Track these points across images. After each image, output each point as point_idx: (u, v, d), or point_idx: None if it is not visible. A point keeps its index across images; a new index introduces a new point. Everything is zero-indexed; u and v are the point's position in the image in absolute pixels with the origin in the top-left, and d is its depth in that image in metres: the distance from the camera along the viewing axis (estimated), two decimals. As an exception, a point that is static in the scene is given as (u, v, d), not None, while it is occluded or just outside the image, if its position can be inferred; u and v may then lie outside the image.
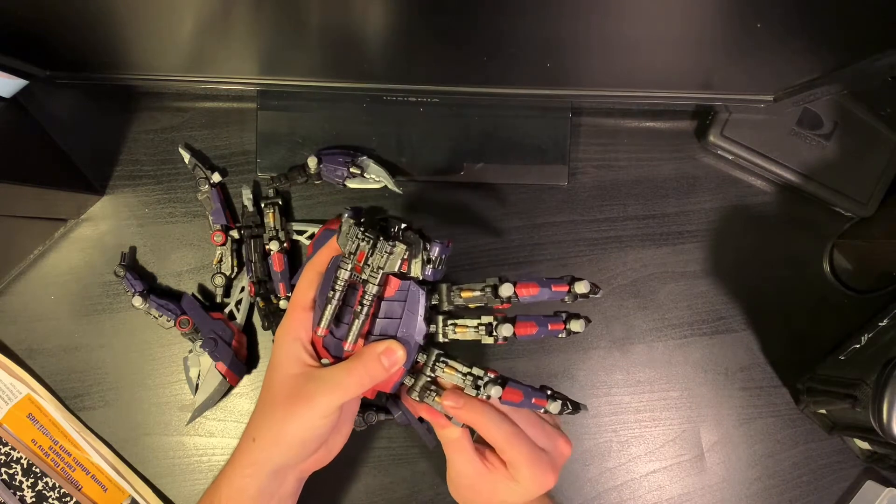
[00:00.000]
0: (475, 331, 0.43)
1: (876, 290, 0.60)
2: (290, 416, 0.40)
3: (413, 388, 0.43)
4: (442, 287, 0.43)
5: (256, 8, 0.41)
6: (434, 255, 0.42)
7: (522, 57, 0.47)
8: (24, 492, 0.56)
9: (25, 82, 0.49)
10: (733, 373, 0.60)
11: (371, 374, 0.41)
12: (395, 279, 0.42)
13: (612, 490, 0.59)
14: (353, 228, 0.41)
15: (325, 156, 0.54)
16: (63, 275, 0.57)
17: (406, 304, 0.41)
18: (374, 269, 0.41)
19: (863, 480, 0.60)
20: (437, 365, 0.43)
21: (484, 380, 0.42)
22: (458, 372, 0.42)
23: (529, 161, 0.57)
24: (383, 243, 0.41)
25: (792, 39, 0.42)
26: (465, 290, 0.42)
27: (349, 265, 0.41)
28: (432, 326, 0.43)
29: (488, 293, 0.42)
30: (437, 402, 0.42)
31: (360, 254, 0.41)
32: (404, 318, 0.42)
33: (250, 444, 0.42)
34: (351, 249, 0.41)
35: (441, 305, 0.43)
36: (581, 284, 0.41)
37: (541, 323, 0.42)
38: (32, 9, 0.40)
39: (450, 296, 0.43)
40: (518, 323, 0.42)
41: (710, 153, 0.60)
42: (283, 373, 0.42)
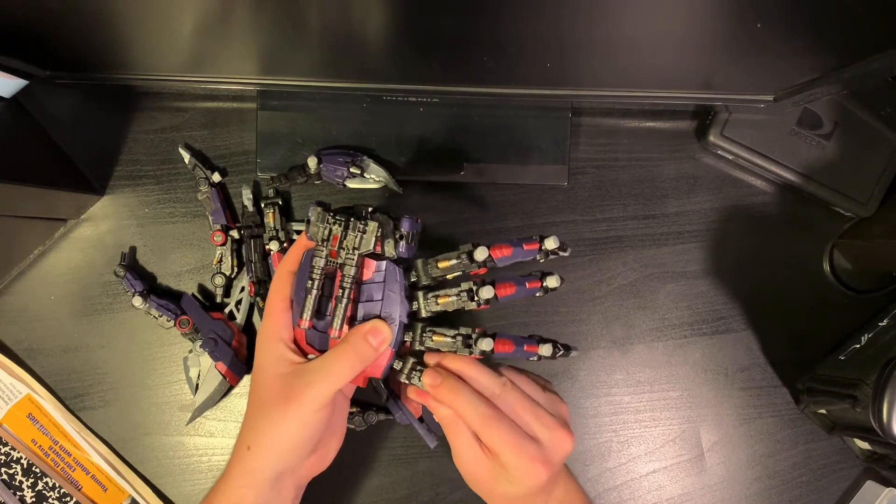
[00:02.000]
0: (457, 299, 0.42)
1: (876, 290, 0.60)
2: (283, 416, 0.39)
3: (402, 371, 0.43)
4: (417, 263, 0.43)
5: (256, 8, 0.41)
6: (405, 231, 0.42)
7: (522, 57, 0.47)
8: (24, 492, 0.56)
9: (25, 82, 0.49)
10: (733, 373, 0.60)
11: (360, 356, 0.40)
12: (371, 261, 0.42)
13: (612, 490, 0.59)
14: (323, 215, 0.41)
15: (325, 156, 0.54)
16: (63, 275, 0.57)
17: (385, 284, 0.42)
18: (350, 250, 0.41)
19: (863, 480, 0.60)
20: (425, 336, 0.43)
21: (473, 336, 0.42)
22: (447, 336, 0.43)
23: (529, 161, 0.57)
24: (355, 223, 0.41)
25: (792, 39, 0.42)
26: (441, 260, 0.43)
27: (324, 252, 0.41)
28: (414, 304, 0.43)
29: (464, 259, 0.42)
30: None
31: (335, 238, 0.41)
32: (385, 298, 0.42)
33: (245, 452, 0.41)
34: (323, 236, 0.41)
35: (420, 281, 0.43)
36: (550, 240, 0.41)
37: (518, 282, 0.42)
38: (32, 9, 0.40)
39: (427, 269, 0.43)
40: (498, 284, 0.42)
41: (710, 153, 0.60)
42: (269, 374, 0.41)
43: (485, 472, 0.42)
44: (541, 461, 0.41)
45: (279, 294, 0.43)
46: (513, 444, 0.40)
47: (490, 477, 0.42)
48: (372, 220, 0.41)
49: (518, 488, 0.41)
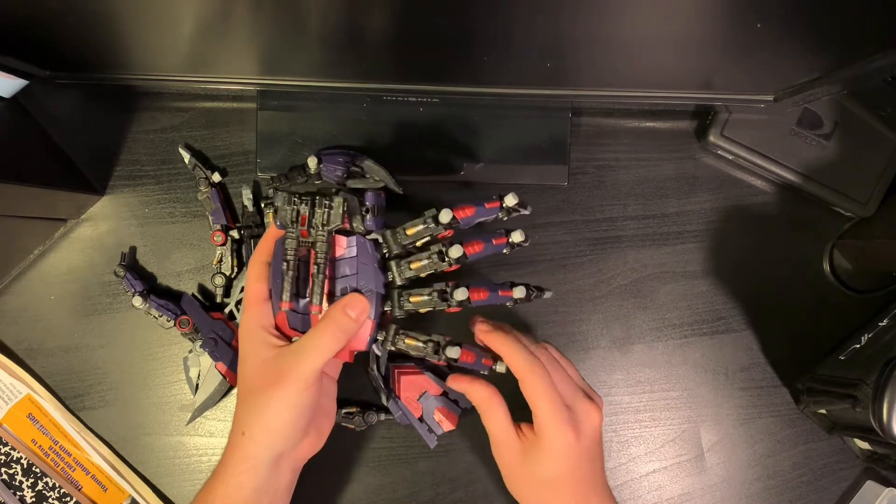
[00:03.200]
0: (429, 262, 0.44)
1: (876, 290, 0.60)
2: (273, 397, 0.40)
3: (387, 339, 0.44)
4: (387, 233, 0.44)
5: (256, 8, 0.41)
6: (370, 204, 0.44)
7: (522, 57, 0.47)
8: (24, 492, 0.56)
9: (25, 82, 0.49)
10: (733, 373, 0.60)
11: (341, 328, 0.41)
12: (342, 237, 0.43)
13: (612, 490, 0.59)
14: (289, 197, 0.42)
15: (325, 156, 0.54)
16: (63, 275, 0.57)
17: (357, 258, 0.43)
18: (320, 227, 0.42)
19: (863, 480, 0.60)
20: (402, 300, 0.44)
21: (449, 289, 0.43)
22: (423, 295, 0.44)
23: (529, 161, 0.57)
24: (321, 199, 0.42)
25: (792, 39, 0.42)
26: (408, 227, 0.44)
27: (294, 233, 0.42)
28: (388, 274, 0.44)
29: (430, 223, 0.43)
30: (407, 343, 0.44)
31: (303, 217, 0.42)
32: (360, 270, 0.43)
33: (240, 438, 0.41)
34: (292, 217, 0.42)
35: (391, 251, 0.44)
36: (509, 197, 0.43)
37: (485, 240, 0.44)
38: (32, 9, 0.40)
39: (396, 238, 0.44)
40: (465, 244, 0.43)
41: (710, 153, 0.60)
42: (254, 360, 0.42)
43: (518, 454, 0.44)
44: (571, 424, 0.42)
45: (255, 284, 0.44)
46: (550, 398, 0.42)
47: (523, 459, 0.43)
48: (337, 196, 0.42)
49: (550, 461, 0.42)
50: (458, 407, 0.55)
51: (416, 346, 0.44)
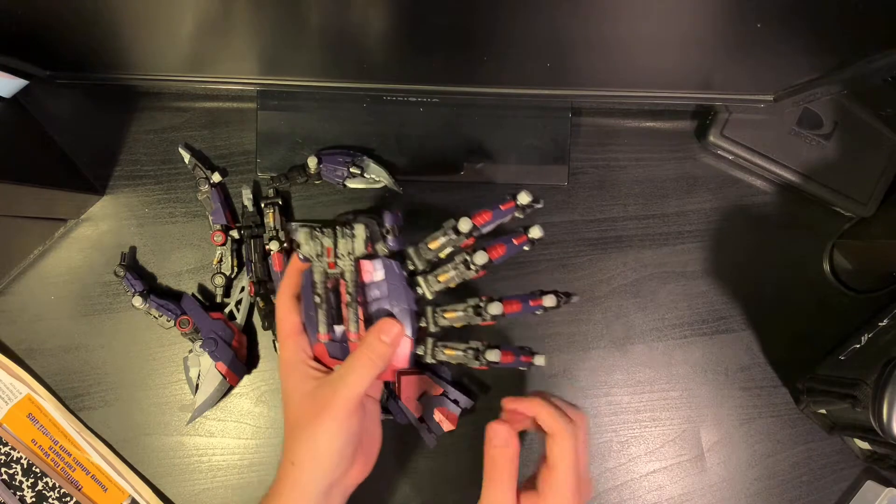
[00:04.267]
0: (455, 272, 0.44)
1: (876, 290, 0.60)
2: (319, 428, 0.40)
3: (426, 353, 0.45)
4: (409, 251, 0.45)
5: (256, 8, 0.41)
6: (389, 226, 0.44)
7: (522, 57, 0.47)
8: (24, 492, 0.56)
9: (25, 82, 0.49)
10: (733, 373, 0.60)
11: (377, 354, 0.41)
12: (367, 262, 0.43)
13: (612, 490, 0.59)
14: (311, 232, 0.43)
15: (325, 156, 0.54)
16: (63, 275, 0.57)
17: (386, 279, 0.43)
18: (346, 257, 0.43)
19: (863, 480, 0.60)
20: (436, 316, 0.45)
21: (482, 304, 0.44)
22: (458, 311, 0.44)
23: (529, 161, 0.57)
24: (342, 230, 0.43)
25: (792, 39, 0.42)
26: (430, 241, 0.44)
27: (321, 266, 0.43)
28: (418, 289, 0.45)
29: (451, 235, 0.44)
30: (447, 354, 0.45)
31: (328, 249, 0.43)
32: (390, 292, 0.43)
33: (290, 468, 0.42)
34: (317, 251, 0.43)
35: (417, 266, 0.45)
36: (522, 195, 0.44)
37: (507, 241, 0.45)
38: (32, 9, 0.40)
39: (420, 253, 0.45)
40: (489, 248, 0.44)
41: (710, 153, 0.60)
42: (297, 393, 0.43)
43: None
44: (577, 496, 0.42)
45: (287, 317, 0.45)
46: (574, 465, 0.42)
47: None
48: (357, 223, 0.43)
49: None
50: (457, 406, 0.55)
51: (456, 355, 0.45)
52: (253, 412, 0.57)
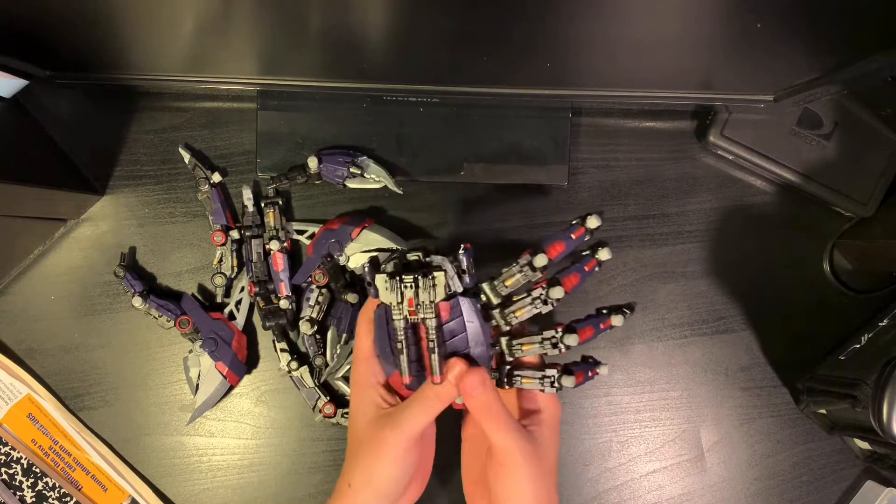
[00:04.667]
0: (531, 307, 0.45)
1: (876, 290, 0.60)
2: (376, 458, 0.42)
3: (501, 381, 0.46)
4: (484, 287, 0.46)
5: (256, 8, 0.41)
6: (465, 266, 0.44)
7: (522, 57, 0.47)
8: (24, 492, 0.56)
9: (25, 82, 0.49)
10: (733, 373, 0.60)
11: (441, 394, 0.42)
12: (445, 303, 0.43)
13: (612, 490, 0.59)
14: (390, 282, 0.43)
15: (325, 156, 0.54)
16: (63, 275, 0.57)
17: (463, 317, 0.43)
18: (427, 305, 0.42)
19: (863, 480, 0.60)
20: (514, 348, 0.46)
21: (558, 335, 0.45)
22: (535, 343, 0.45)
23: (529, 161, 0.57)
24: (424, 281, 0.42)
25: (792, 39, 0.42)
26: (506, 279, 0.45)
27: (401, 314, 0.43)
28: (492, 322, 0.46)
29: (527, 271, 0.44)
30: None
31: (410, 300, 0.43)
32: (468, 329, 0.43)
33: (346, 489, 0.43)
34: (397, 300, 0.43)
35: (491, 302, 0.46)
36: (592, 219, 0.45)
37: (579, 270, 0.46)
38: (32, 9, 0.40)
39: (495, 290, 0.45)
40: (563, 280, 0.45)
41: (710, 153, 0.60)
42: (362, 419, 0.44)
43: None
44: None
45: (364, 343, 0.46)
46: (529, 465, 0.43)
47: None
48: (437, 271, 0.43)
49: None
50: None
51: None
52: (253, 412, 0.57)
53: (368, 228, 0.55)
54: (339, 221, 0.56)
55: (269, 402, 0.58)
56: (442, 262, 0.43)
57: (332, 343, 0.56)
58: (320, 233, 0.55)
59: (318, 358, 0.55)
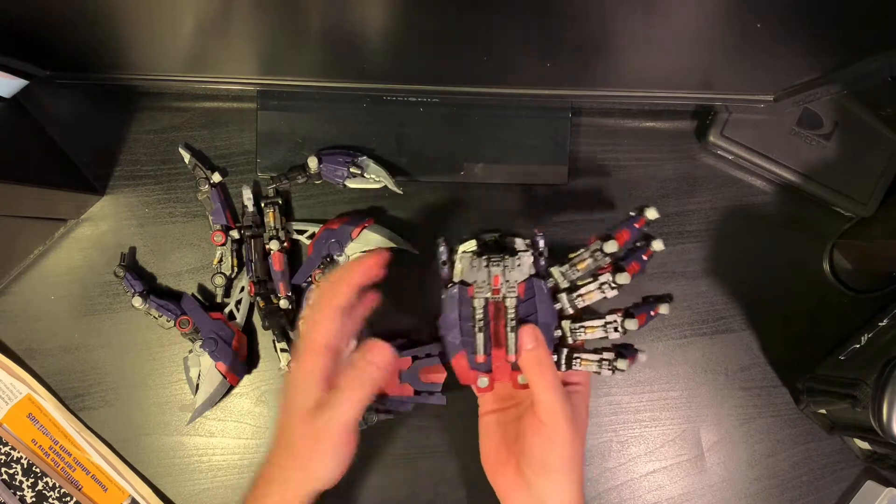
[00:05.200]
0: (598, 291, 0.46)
1: (876, 290, 0.60)
2: (314, 451, 0.41)
3: (559, 362, 0.47)
4: (553, 270, 0.47)
5: (256, 8, 0.41)
6: (542, 248, 0.46)
7: (522, 57, 0.47)
8: (25, 492, 0.56)
9: (25, 82, 0.49)
10: (733, 373, 0.60)
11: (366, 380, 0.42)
12: (521, 284, 0.45)
13: (612, 490, 0.59)
14: (477, 260, 0.45)
15: (325, 156, 0.54)
16: (63, 275, 0.57)
17: (536, 298, 0.45)
18: (511, 284, 0.45)
19: (863, 480, 0.60)
20: (576, 331, 0.47)
21: (619, 320, 0.46)
22: (598, 326, 0.47)
23: (529, 161, 0.57)
24: (510, 259, 0.45)
25: (792, 39, 0.42)
26: (577, 262, 0.47)
27: (485, 292, 0.45)
28: (557, 304, 0.47)
29: (598, 256, 0.46)
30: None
31: (495, 278, 0.45)
32: (539, 310, 0.45)
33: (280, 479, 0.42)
34: (483, 278, 0.45)
35: (559, 285, 0.47)
36: (651, 211, 0.47)
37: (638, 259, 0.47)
38: (32, 9, 0.40)
39: (565, 274, 0.47)
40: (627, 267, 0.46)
41: (710, 153, 0.60)
42: (300, 411, 0.42)
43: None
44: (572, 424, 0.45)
45: (325, 331, 0.42)
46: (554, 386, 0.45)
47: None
48: (515, 248, 0.45)
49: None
50: (433, 358, 0.56)
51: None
52: (253, 412, 0.57)
53: (368, 228, 0.55)
54: (339, 221, 0.56)
55: (269, 402, 0.58)
56: (521, 244, 0.46)
57: None
58: (320, 233, 0.55)
59: None
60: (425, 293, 0.58)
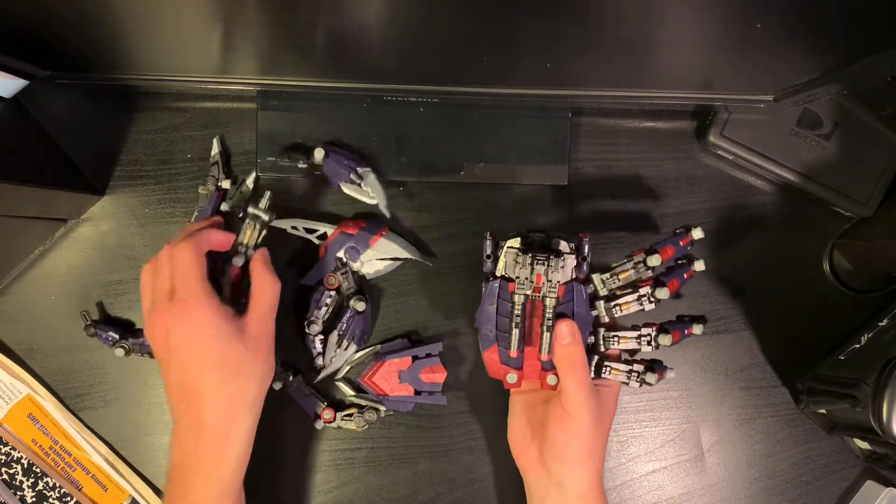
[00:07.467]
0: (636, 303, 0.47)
1: (876, 290, 0.60)
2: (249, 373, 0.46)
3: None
4: (594, 277, 0.48)
5: (256, 8, 0.41)
6: (586, 253, 0.47)
7: (522, 57, 0.47)
8: (25, 492, 0.56)
9: (26, 82, 0.49)
10: (733, 373, 0.60)
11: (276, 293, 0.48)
12: (561, 286, 0.46)
13: (612, 490, 0.59)
14: (523, 256, 0.46)
15: (332, 152, 0.54)
16: (63, 275, 0.57)
17: (574, 302, 0.46)
18: (552, 284, 0.45)
19: (863, 480, 0.60)
20: (609, 340, 0.48)
21: (653, 334, 0.47)
22: (631, 339, 0.48)
23: (529, 161, 0.57)
24: (555, 260, 0.45)
25: (792, 39, 0.42)
26: (619, 272, 0.48)
27: (527, 289, 0.46)
28: (594, 311, 0.48)
29: (641, 269, 0.47)
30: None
31: (538, 276, 0.46)
32: (577, 313, 0.46)
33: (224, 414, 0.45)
34: (526, 275, 0.46)
35: (597, 293, 0.48)
36: (697, 231, 0.48)
37: (678, 276, 0.48)
38: (33, 9, 0.40)
39: (605, 283, 0.48)
40: (668, 282, 0.47)
41: (710, 153, 0.60)
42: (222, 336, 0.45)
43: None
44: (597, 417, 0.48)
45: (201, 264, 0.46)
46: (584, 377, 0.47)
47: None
48: (567, 254, 0.46)
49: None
50: (434, 358, 0.56)
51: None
52: (253, 412, 0.57)
53: (385, 236, 0.55)
54: (355, 226, 0.55)
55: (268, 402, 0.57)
56: (565, 247, 0.47)
57: (331, 346, 0.55)
58: (335, 235, 0.55)
59: (318, 358, 0.55)
60: (425, 293, 0.58)
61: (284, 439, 0.58)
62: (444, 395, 0.56)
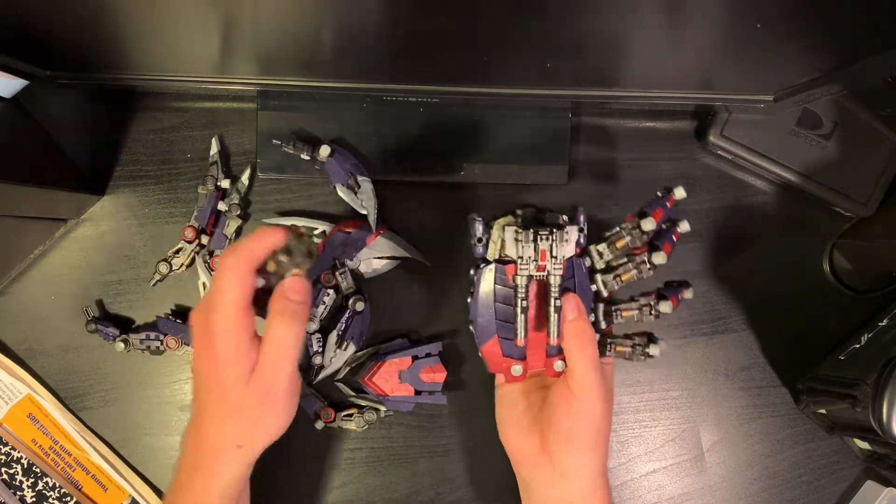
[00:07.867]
0: (636, 272, 0.46)
1: (876, 290, 0.60)
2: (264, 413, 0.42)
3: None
4: (594, 250, 0.46)
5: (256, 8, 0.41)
6: (582, 224, 0.44)
7: (522, 57, 0.47)
8: (25, 492, 0.56)
9: (26, 82, 0.49)
10: (733, 373, 0.60)
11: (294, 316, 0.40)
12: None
13: (612, 490, 0.59)
14: (523, 233, 0.42)
15: (337, 153, 0.54)
16: (63, 275, 0.57)
17: (574, 277, 0.44)
18: (560, 259, 0.42)
19: (863, 480, 0.60)
20: (613, 315, 0.47)
21: (652, 302, 0.46)
22: (633, 310, 0.47)
23: (529, 161, 0.57)
24: (559, 234, 0.42)
25: (792, 40, 0.42)
26: (616, 240, 0.45)
27: (529, 268, 0.42)
28: (593, 286, 0.46)
29: (636, 234, 0.45)
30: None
31: (542, 252, 0.42)
32: (577, 288, 0.44)
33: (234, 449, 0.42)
34: (529, 253, 0.42)
35: (596, 265, 0.46)
36: (679, 190, 0.46)
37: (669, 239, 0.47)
38: (33, 9, 0.40)
39: (602, 254, 0.46)
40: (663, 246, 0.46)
41: (710, 153, 0.60)
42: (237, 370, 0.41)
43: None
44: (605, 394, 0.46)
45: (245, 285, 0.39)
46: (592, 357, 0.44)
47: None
48: (570, 226, 0.43)
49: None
50: (434, 357, 0.55)
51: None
52: (253, 412, 0.57)
53: (382, 235, 0.55)
54: (353, 224, 0.56)
55: (269, 402, 0.58)
56: (563, 219, 0.44)
57: (331, 347, 0.55)
58: (333, 233, 0.55)
59: (316, 357, 0.55)
60: (425, 293, 0.58)
61: (284, 439, 0.58)
62: (443, 394, 0.56)
